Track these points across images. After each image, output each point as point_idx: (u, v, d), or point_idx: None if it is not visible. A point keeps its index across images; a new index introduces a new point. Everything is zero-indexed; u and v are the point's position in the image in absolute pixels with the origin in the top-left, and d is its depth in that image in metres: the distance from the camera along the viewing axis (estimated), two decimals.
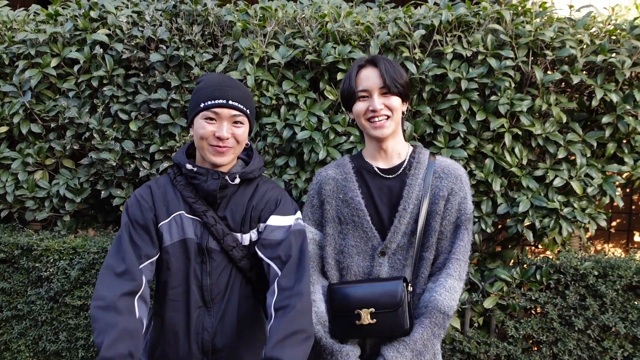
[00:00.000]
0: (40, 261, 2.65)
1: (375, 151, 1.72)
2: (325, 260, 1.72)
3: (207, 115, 1.61)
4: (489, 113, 2.33)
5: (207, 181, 1.63)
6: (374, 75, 1.63)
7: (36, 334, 2.73)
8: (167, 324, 1.69)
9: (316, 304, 1.66)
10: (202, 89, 1.64)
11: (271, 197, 1.72)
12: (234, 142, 1.63)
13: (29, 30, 2.72)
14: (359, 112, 1.66)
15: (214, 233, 1.66)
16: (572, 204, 2.34)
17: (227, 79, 1.69)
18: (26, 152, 2.74)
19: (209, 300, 1.68)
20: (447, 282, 1.61)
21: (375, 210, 1.69)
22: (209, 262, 1.67)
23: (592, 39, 2.37)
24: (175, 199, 1.69)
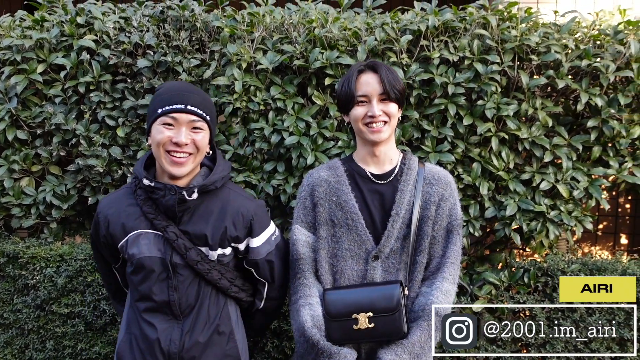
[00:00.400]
0: (26, 269, 2.62)
1: (368, 156, 1.73)
2: (319, 263, 1.72)
3: (165, 120, 1.56)
4: (475, 117, 2.35)
5: (164, 197, 1.59)
6: (374, 81, 1.65)
7: (22, 342, 2.70)
8: (137, 335, 1.69)
9: (312, 307, 1.66)
10: (160, 95, 1.61)
11: (246, 215, 1.69)
12: (193, 149, 1.59)
13: (14, 36, 2.70)
14: (357, 117, 1.66)
15: (176, 248, 1.63)
16: (558, 207, 2.36)
17: (186, 85, 1.67)
18: (12, 158, 2.71)
19: (178, 314, 1.67)
20: (444, 285, 1.63)
21: (369, 214, 1.70)
22: (174, 277, 1.65)
23: (576, 44, 2.39)
24: (134, 215, 1.66)
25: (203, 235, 1.65)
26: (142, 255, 1.63)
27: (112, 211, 1.69)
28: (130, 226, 1.65)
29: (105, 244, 1.73)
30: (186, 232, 1.65)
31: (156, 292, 1.65)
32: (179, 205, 1.60)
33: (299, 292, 1.71)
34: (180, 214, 1.63)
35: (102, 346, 2.56)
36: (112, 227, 1.67)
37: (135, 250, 1.64)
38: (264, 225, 1.74)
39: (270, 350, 2.46)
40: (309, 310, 1.65)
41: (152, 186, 1.60)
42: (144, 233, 1.64)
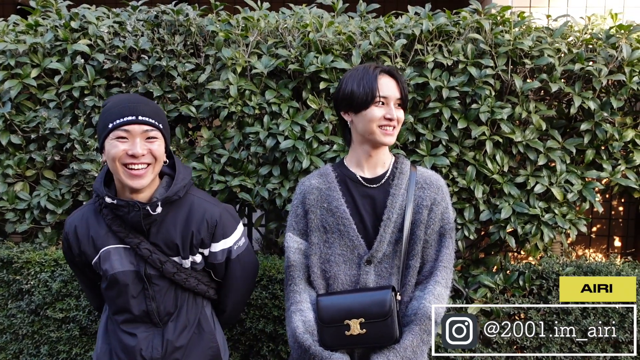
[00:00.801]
0: (20, 274, 2.61)
1: (362, 159, 1.73)
2: (311, 269, 1.72)
3: (118, 134, 1.53)
4: (470, 121, 2.36)
5: (129, 213, 1.58)
6: (393, 85, 1.67)
7: (17, 348, 2.68)
8: (117, 342, 1.69)
9: (304, 313, 1.66)
10: (109, 109, 1.58)
11: (210, 221, 1.69)
12: (151, 159, 1.57)
13: (8, 40, 2.69)
14: (373, 117, 1.64)
15: (150, 263, 1.64)
16: (553, 210, 2.37)
17: (134, 96, 1.65)
18: (6, 163, 2.70)
19: (157, 322, 1.69)
20: (436, 289, 1.63)
21: (360, 219, 1.70)
22: (150, 287, 1.66)
23: (569, 47, 2.41)
24: (102, 233, 1.65)
25: (174, 244, 1.66)
26: (115, 270, 1.63)
27: (80, 229, 1.68)
28: (100, 243, 1.65)
29: (80, 263, 1.74)
30: (156, 244, 1.65)
31: (133, 304, 1.66)
32: (144, 219, 1.59)
33: (290, 298, 1.72)
34: (147, 226, 1.62)
35: None
36: (83, 245, 1.67)
37: (108, 266, 1.64)
38: (226, 234, 1.74)
39: (266, 354, 2.45)
40: (300, 316, 1.66)
41: (115, 204, 1.58)
42: (114, 249, 1.64)
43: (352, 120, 1.70)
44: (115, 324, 1.70)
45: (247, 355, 2.51)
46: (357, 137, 1.72)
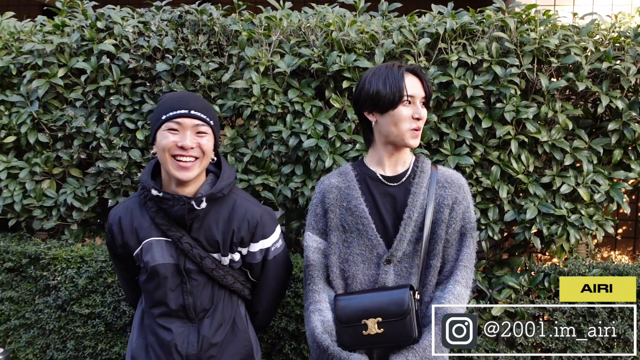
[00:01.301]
0: (48, 270, 2.66)
1: (384, 158, 1.71)
2: (330, 269, 1.71)
3: (170, 126, 1.59)
4: (494, 120, 2.34)
5: (173, 207, 1.61)
6: (418, 85, 1.66)
7: (44, 342, 2.74)
8: (154, 337, 1.72)
9: (322, 313, 1.66)
10: (163, 103, 1.64)
11: (252, 220, 1.72)
12: (199, 152, 1.61)
13: (36, 40, 2.74)
14: (402, 116, 1.63)
15: (191, 258, 1.67)
16: (579, 210, 2.34)
17: (188, 92, 1.73)
18: (33, 161, 2.76)
19: (193, 317, 1.71)
20: (456, 289, 1.62)
21: (380, 218, 1.69)
22: (188, 281, 1.69)
23: (596, 46, 2.37)
24: (146, 225, 1.69)
25: (215, 241, 1.69)
26: (156, 262, 1.66)
27: (124, 220, 1.72)
28: (143, 234, 1.68)
29: (123, 254, 1.77)
30: (197, 239, 1.68)
31: (171, 297, 1.68)
32: (188, 214, 1.63)
33: (309, 298, 1.72)
34: (190, 221, 1.66)
35: (122, 347, 2.58)
36: (127, 236, 1.71)
37: (149, 258, 1.67)
38: (266, 234, 1.77)
39: (288, 352, 2.47)
40: (318, 316, 1.66)
41: (161, 196, 1.62)
42: (156, 241, 1.68)
43: (376, 120, 1.68)
44: (152, 319, 1.73)
45: (269, 354, 2.52)
46: (381, 137, 1.71)
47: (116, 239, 1.74)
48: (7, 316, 2.80)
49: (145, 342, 1.74)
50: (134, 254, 1.71)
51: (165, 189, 1.67)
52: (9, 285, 2.78)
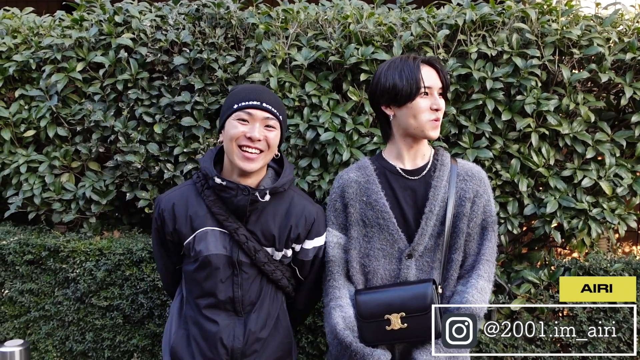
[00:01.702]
0: (67, 262, 2.69)
1: (403, 151, 1.70)
2: (350, 264, 1.70)
3: (240, 116, 1.61)
4: (514, 113, 2.31)
5: (237, 196, 1.61)
6: (434, 75, 1.64)
7: (63, 334, 2.77)
8: (197, 329, 1.70)
9: (343, 309, 1.64)
10: (236, 93, 1.66)
11: (309, 217, 1.73)
12: (265, 146, 1.62)
13: (55, 35, 2.76)
14: (421, 108, 1.61)
15: (245, 250, 1.67)
16: (601, 204, 2.30)
17: (260, 86, 1.75)
18: (53, 155, 2.78)
19: (240, 310, 1.70)
20: (479, 283, 1.60)
21: (401, 213, 1.67)
22: (239, 274, 1.68)
23: (620, 36, 2.33)
24: (201, 213, 1.68)
25: (272, 235, 1.69)
26: (209, 252, 1.65)
27: (179, 208, 1.70)
28: (198, 223, 1.67)
29: (171, 242, 1.74)
30: (253, 232, 1.68)
31: (221, 289, 1.67)
32: (250, 205, 1.62)
33: (329, 294, 1.71)
34: (248, 213, 1.66)
35: (140, 339, 2.60)
36: (179, 223, 1.69)
37: (203, 247, 1.65)
38: (320, 232, 1.77)
39: (305, 345, 2.46)
40: (339, 312, 1.64)
41: (224, 185, 1.62)
42: (211, 230, 1.67)
43: (394, 114, 1.67)
44: (197, 310, 1.71)
45: None
46: (399, 130, 1.69)
47: (167, 225, 1.71)
48: (27, 308, 2.84)
49: (186, 333, 1.72)
50: (184, 243, 1.70)
51: (226, 179, 1.66)
52: (29, 278, 2.81)
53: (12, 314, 2.86)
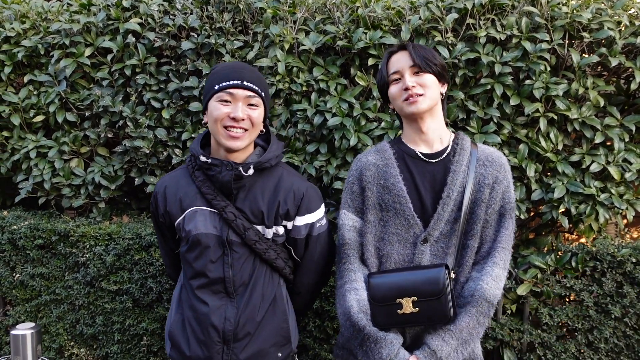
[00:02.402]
0: (76, 247, 2.72)
1: (415, 134, 1.69)
2: (365, 247, 1.69)
3: (222, 97, 1.60)
4: (523, 97, 2.30)
5: (221, 172, 1.61)
6: (404, 57, 1.64)
7: (74, 317, 2.81)
8: (191, 311, 1.70)
9: (358, 292, 1.64)
10: (216, 72, 1.65)
11: (297, 193, 1.71)
12: (249, 125, 1.61)
13: (63, 20, 2.77)
14: (394, 95, 1.65)
15: (234, 228, 1.66)
16: (609, 189, 2.29)
17: (241, 63, 1.71)
18: (62, 140, 2.80)
19: (232, 292, 1.68)
20: (494, 270, 1.58)
21: (418, 197, 1.65)
22: (230, 254, 1.67)
23: (631, 20, 2.30)
24: (191, 194, 1.69)
25: (260, 212, 1.67)
26: (198, 231, 1.65)
27: (170, 190, 1.72)
28: (187, 203, 1.68)
29: (164, 224, 1.77)
30: (242, 210, 1.67)
31: (211, 268, 1.66)
32: (235, 181, 1.62)
33: (344, 277, 1.70)
34: (235, 191, 1.65)
35: (149, 322, 2.64)
36: (170, 205, 1.71)
37: (192, 227, 1.66)
38: (311, 209, 1.75)
39: (312, 329, 2.49)
40: (354, 295, 1.64)
41: (209, 162, 1.63)
42: (200, 210, 1.67)
43: (393, 107, 1.73)
44: (191, 292, 1.71)
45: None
46: (402, 117, 1.73)
47: (159, 207, 1.74)
48: (38, 292, 2.88)
49: (182, 317, 1.73)
50: (175, 224, 1.71)
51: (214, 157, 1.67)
52: (39, 262, 2.85)
53: (23, 298, 2.91)
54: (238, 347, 1.67)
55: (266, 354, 1.71)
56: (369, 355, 1.57)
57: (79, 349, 2.85)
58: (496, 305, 1.60)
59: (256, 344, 1.69)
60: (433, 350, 1.53)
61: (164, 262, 1.94)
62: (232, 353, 1.67)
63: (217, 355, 1.66)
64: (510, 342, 2.36)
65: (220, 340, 1.66)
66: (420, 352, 1.55)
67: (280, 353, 1.75)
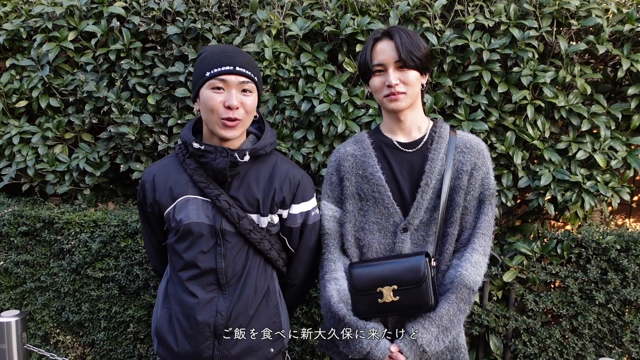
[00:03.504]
0: (61, 234, 2.69)
1: (393, 124, 1.69)
2: (345, 237, 1.69)
3: (214, 84, 1.51)
4: (511, 85, 2.29)
5: (215, 159, 1.54)
6: (390, 48, 1.58)
7: (59, 305, 2.79)
8: (179, 306, 1.63)
9: (338, 282, 1.64)
10: (206, 58, 1.55)
11: (293, 180, 1.67)
12: (243, 113, 1.54)
13: (45, 3, 2.72)
14: (375, 87, 1.62)
15: (228, 217, 1.59)
16: (595, 177, 2.31)
17: (230, 46, 1.62)
18: (45, 126, 2.76)
19: (224, 283, 1.61)
20: (473, 257, 1.58)
21: (397, 186, 1.65)
22: (223, 244, 1.60)
23: (619, 7, 2.30)
24: (182, 182, 1.61)
25: (255, 200, 1.62)
26: (190, 220, 1.59)
27: (159, 178, 1.65)
28: (178, 192, 1.61)
29: (152, 214, 1.69)
30: (236, 198, 1.62)
31: (202, 259, 1.59)
32: (230, 169, 1.56)
33: (324, 267, 1.71)
34: (230, 178, 1.60)
35: (136, 309, 2.62)
36: (159, 194, 1.63)
37: (183, 216, 1.59)
38: (307, 197, 1.71)
39: (299, 316, 2.49)
40: (334, 284, 1.64)
41: (203, 149, 1.56)
42: (192, 199, 1.60)
43: (370, 91, 1.69)
44: (179, 284, 1.63)
45: None
46: (380, 106, 1.69)
47: (148, 197, 1.66)
48: (23, 279, 2.85)
49: (169, 312, 1.65)
50: (164, 213, 1.63)
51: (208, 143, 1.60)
52: (24, 249, 2.82)
53: (7, 285, 2.88)
54: (230, 342, 1.60)
55: (258, 349, 1.65)
56: (350, 345, 1.57)
57: (65, 337, 2.83)
58: (477, 291, 1.60)
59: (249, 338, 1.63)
60: (413, 338, 1.53)
61: (149, 255, 1.86)
62: (223, 348, 1.60)
63: (207, 350, 1.59)
64: (496, 328, 2.38)
65: (211, 334, 1.59)
66: (401, 341, 1.55)
67: (273, 348, 1.69)
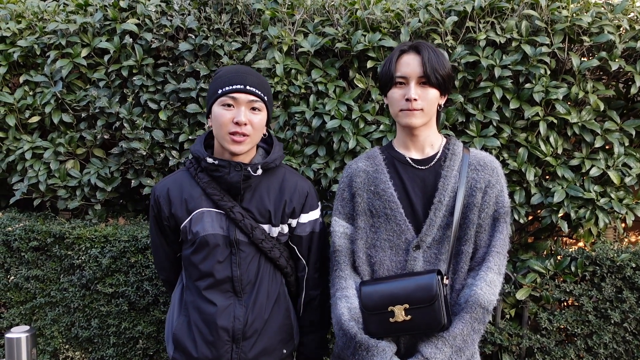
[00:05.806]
0: (72, 249, 2.69)
1: (407, 140, 1.68)
2: (356, 254, 1.68)
3: (225, 101, 1.62)
4: (522, 101, 2.28)
5: (229, 173, 1.64)
6: (415, 62, 1.58)
7: (69, 320, 2.78)
8: (197, 313, 1.71)
9: (349, 300, 1.62)
10: (221, 76, 1.66)
11: (302, 191, 1.77)
12: (250, 130, 1.63)
13: (59, 20, 2.74)
14: (393, 99, 1.62)
15: (242, 228, 1.68)
16: (609, 194, 2.28)
17: (244, 67, 1.73)
18: (58, 141, 2.78)
19: (239, 290, 1.71)
20: (488, 276, 1.56)
21: (409, 203, 1.64)
22: (237, 253, 1.69)
23: (631, 24, 2.29)
24: (196, 195, 1.70)
25: (267, 211, 1.71)
26: (206, 232, 1.67)
27: (173, 192, 1.73)
28: (193, 205, 1.69)
29: (169, 227, 1.76)
30: (249, 210, 1.70)
31: (219, 269, 1.68)
32: (243, 182, 1.65)
33: (335, 284, 1.69)
34: (242, 191, 1.68)
35: (145, 325, 2.61)
36: (175, 207, 1.71)
37: (199, 228, 1.67)
38: (314, 206, 1.81)
39: None
40: (345, 302, 1.62)
41: (217, 164, 1.65)
42: (207, 212, 1.69)
43: (387, 103, 1.69)
44: (196, 293, 1.71)
45: None
46: (395, 119, 1.68)
47: (163, 210, 1.73)
48: (33, 294, 2.85)
49: (187, 319, 1.73)
50: (181, 226, 1.71)
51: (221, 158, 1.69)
52: (34, 264, 2.82)
53: (18, 300, 2.88)
54: (247, 345, 1.70)
55: (273, 351, 1.75)
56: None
57: (74, 352, 2.82)
58: (492, 311, 1.57)
59: (264, 341, 1.73)
60: (426, 358, 1.50)
61: (162, 267, 1.90)
62: (240, 352, 1.69)
63: (225, 354, 1.68)
64: (509, 347, 2.34)
65: (229, 339, 1.68)
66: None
67: (285, 349, 1.79)
